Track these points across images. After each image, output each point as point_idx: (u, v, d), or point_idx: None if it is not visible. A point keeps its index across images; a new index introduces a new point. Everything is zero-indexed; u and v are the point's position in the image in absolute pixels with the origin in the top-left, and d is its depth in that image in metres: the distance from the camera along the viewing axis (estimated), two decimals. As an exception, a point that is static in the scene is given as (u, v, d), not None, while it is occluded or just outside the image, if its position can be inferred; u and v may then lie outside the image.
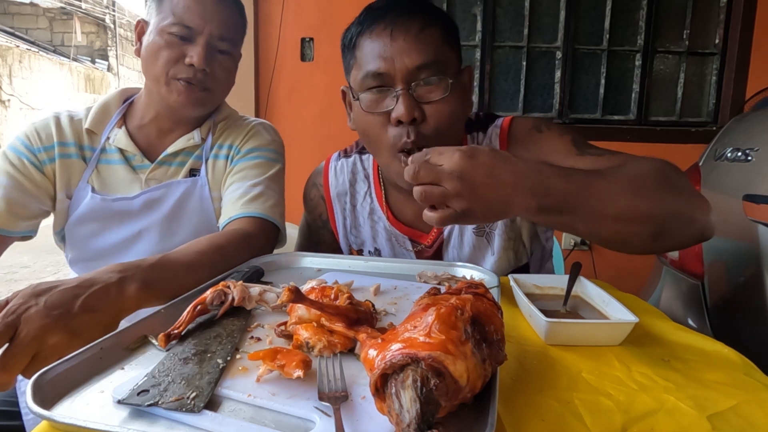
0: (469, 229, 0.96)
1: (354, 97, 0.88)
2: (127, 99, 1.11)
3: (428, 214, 0.63)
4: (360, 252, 1.06)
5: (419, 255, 1.00)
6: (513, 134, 0.93)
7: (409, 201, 0.97)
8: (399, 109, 0.80)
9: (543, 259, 1.06)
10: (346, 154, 1.10)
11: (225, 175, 1.08)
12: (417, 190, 0.61)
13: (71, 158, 1.04)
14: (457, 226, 0.95)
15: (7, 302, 0.60)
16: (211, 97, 1.04)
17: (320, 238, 1.14)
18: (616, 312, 0.66)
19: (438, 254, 0.98)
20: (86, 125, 1.05)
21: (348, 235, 1.07)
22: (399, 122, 0.81)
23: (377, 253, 1.04)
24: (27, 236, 1.04)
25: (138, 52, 1.04)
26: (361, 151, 1.09)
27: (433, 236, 0.97)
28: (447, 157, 0.58)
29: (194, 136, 1.07)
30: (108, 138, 1.05)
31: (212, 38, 0.98)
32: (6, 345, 0.57)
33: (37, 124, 1.05)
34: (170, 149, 1.06)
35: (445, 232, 0.98)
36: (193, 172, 1.07)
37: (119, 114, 1.08)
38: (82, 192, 1.03)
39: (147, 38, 1.01)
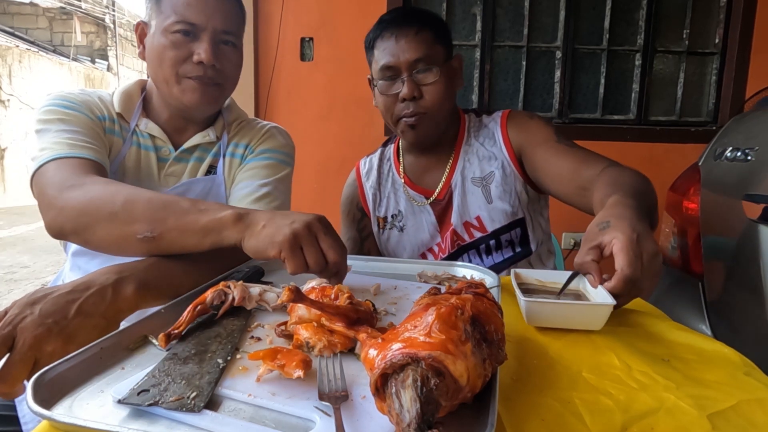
0: (469, 181, 1.21)
1: (374, 84, 1.18)
2: (143, 90, 1.09)
3: None
4: (385, 219, 1.31)
5: (434, 207, 1.24)
6: (511, 118, 1.21)
7: (418, 168, 1.27)
8: (404, 90, 1.10)
9: (544, 240, 1.25)
10: (370, 154, 1.39)
11: (236, 172, 1.08)
12: None
13: (114, 135, 1.01)
14: (459, 182, 1.22)
15: (5, 312, 0.60)
16: (222, 92, 1.04)
17: (364, 232, 1.34)
18: (598, 297, 0.67)
19: (449, 203, 1.22)
20: (117, 109, 1.03)
21: (376, 208, 1.32)
22: (404, 99, 1.11)
23: (399, 215, 1.29)
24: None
25: (142, 55, 1.02)
26: (383, 146, 1.38)
27: (443, 191, 1.23)
28: None
29: (209, 134, 1.08)
30: (138, 125, 1.03)
31: (216, 32, 0.97)
32: (7, 356, 0.57)
33: (87, 98, 1.00)
34: (187, 144, 1.05)
35: (452, 185, 1.22)
36: (210, 170, 1.08)
37: (141, 105, 1.06)
38: (114, 172, 0.99)
39: (150, 40, 0.99)
